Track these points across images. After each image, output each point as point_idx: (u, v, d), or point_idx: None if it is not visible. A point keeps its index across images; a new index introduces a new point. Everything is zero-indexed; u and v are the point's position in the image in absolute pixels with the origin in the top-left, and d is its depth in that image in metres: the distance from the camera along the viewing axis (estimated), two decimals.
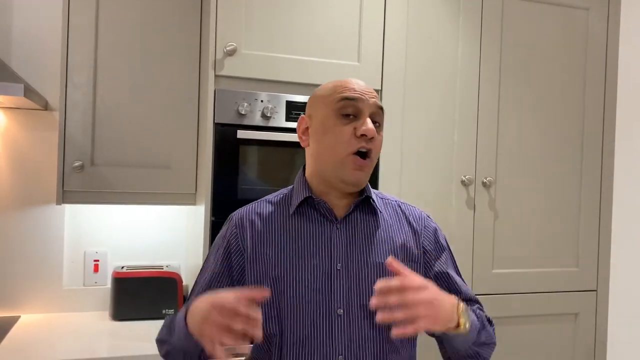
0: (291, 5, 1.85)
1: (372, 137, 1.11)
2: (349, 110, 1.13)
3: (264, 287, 1.12)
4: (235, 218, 1.21)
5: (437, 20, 2.01)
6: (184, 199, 1.98)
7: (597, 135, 2.22)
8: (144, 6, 1.94)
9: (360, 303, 1.13)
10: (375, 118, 1.14)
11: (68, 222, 2.13)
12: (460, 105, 2.03)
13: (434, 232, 1.25)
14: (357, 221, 1.18)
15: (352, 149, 1.11)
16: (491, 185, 2.07)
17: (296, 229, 1.17)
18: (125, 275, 2.04)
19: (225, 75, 1.78)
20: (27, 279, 2.08)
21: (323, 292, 1.12)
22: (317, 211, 1.18)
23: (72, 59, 1.87)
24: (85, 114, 1.88)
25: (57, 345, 1.76)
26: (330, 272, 1.13)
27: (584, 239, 2.20)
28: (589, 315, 2.20)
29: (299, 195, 1.19)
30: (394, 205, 1.26)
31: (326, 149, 1.15)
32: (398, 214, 1.24)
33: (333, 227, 1.16)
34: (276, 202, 1.23)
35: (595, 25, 2.21)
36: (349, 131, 1.12)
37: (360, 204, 1.20)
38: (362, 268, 1.14)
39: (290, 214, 1.18)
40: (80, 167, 1.86)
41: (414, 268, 1.17)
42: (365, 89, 1.16)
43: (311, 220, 1.17)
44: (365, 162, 1.13)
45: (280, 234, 1.17)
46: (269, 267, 1.14)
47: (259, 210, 1.21)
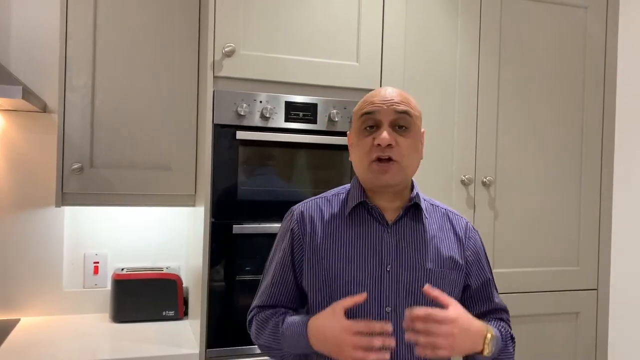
0: (289, 6, 1.84)
1: (388, 145, 1.18)
2: (369, 123, 1.22)
3: (317, 278, 1.23)
4: (296, 212, 1.30)
5: (435, 20, 2.01)
6: (184, 201, 1.98)
7: (597, 134, 2.22)
8: (142, 8, 1.94)
9: (407, 303, 1.21)
10: (398, 123, 1.21)
11: (67, 224, 2.13)
12: (460, 104, 2.03)
13: (475, 242, 1.33)
14: (406, 227, 1.26)
15: (372, 158, 1.20)
16: (491, 185, 2.06)
17: (350, 230, 1.25)
18: (125, 277, 2.04)
19: (224, 76, 1.77)
20: (27, 281, 2.08)
21: (373, 291, 1.20)
22: (370, 214, 1.26)
23: (70, 61, 1.87)
24: (84, 116, 1.88)
25: (57, 348, 1.76)
26: (381, 273, 1.22)
27: (584, 238, 2.20)
28: (590, 314, 2.20)
29: (354, 198, 1.27)
30: (443, 212, 1.34)
31: (355, 161, 1.26)
32: (445, 222, 1.32)
33: (384, 231, 1.24)
34: (334, 201, 1.31)
35: (594, 23, 2.21)
36: (370, 142, 1.21)
37: (410, 210, 1.27)
38: (410, 271, 1.22)
39: (345, 215, 1.26)
40: (79, 169, 1.85)
41: (457, 276, 1.27)
42: (387, 97, 1.22)
43: (364, 222, 1.26)
44: (388, 165, 1.19)
45: (336, 233, 1.25)
46: (324, 264, 1.23)
47: (318, 208, 1.30)
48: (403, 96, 1.24)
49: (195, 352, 1.74)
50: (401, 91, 1.26)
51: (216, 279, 1.76)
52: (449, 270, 1.25)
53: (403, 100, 1.23)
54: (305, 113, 1.85)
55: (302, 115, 1.85)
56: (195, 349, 1.76)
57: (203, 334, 1.74)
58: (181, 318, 2.09)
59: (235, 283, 1.78)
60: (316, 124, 1.86)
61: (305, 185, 1.87)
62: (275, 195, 1.84)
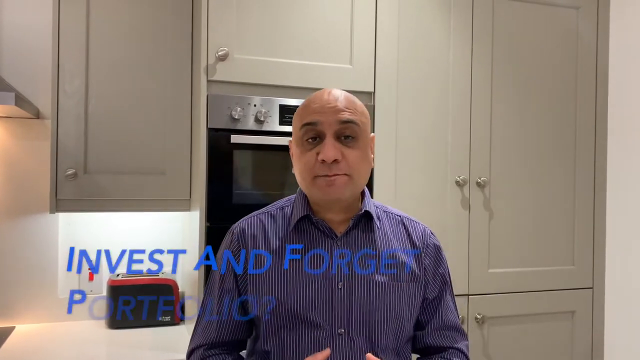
0: (282, 9, 1.84)
1: (335, 160, 1.07)
2: (311, 134, 1.10)
3: (264, 302, 1.12)
4: (236, 230, 1.20)
5: (428, 22, 2.02)
6: (179, 205, 1.97)
7: (590, 133, 2.23)
8: (135, 12, 1.94)
9: (361, 322, 1.12)
10: (344, 133, 1.09)
11: (62, 231, 2.12)
12: (453, 105, 2.04)
13: (434, 249, 1.23)
14: (357, 238, 1.16)
15: (316, 174, 1.09)
16: (485, 185, 2.07)
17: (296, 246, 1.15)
18: (120, 283, 2.03)
19: (218, 80, 1.77)
20: (21, 288, 2.06)
21: (324, 312, 1.11)
22: (317, 228, 1.16)
23: (63, 66, 1.86)
24: (78, 122, 1.87)
25: (53, 355, 1.75)
26: (332, 291, 1.12)
27: (579, 237, 2.21)
28: (586, 313, 2.21)
29: (298, 211, 1.16)
30: (397, 220, 1.23)
31: (298, 175, 1.14)
32: (400, 230, 1.22)
33: (333, 244, 1.14)
34: (276, 215, 1.20)
35: (585, 24, 2.23)
36: (313, 157, 1.09)
37: (361, 220, 1.17)
38: (363, 287, 1.12)
39: (289, 230, 1.16)
40: (73, 175, 1.85)
41: (414, 288, 1.17)
42: (329, 104, 1.10)
43: (311, 236, 1.15)
44: (334, 179, 1.08)
45: (280, 249, 1.15)
46: (269, 283, 1.13)
47: (260, 224, 1.19)
48: (348, 100, 1.11)
49: None
50: (347, 94, 1.13)
51: None
52: (406, 283, 1.15)
53: (348, 107, 1.10)
54: None
55: None
56: None
57: None
58: (177, 323, 2.08)
59: None
60: None
61: None
62: (271, 199, 1.82)
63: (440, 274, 1.22)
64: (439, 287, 1.22)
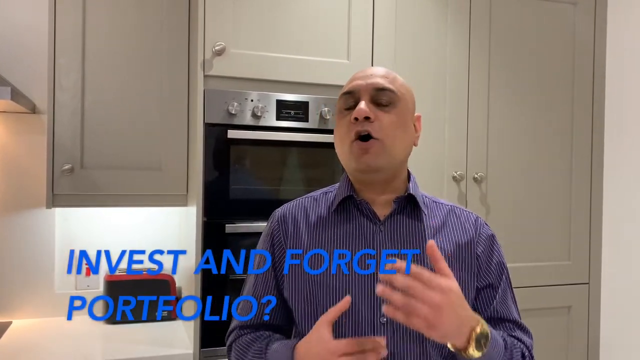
0: (279, 4, 1.84)
1: (366, 118, 1.05)
2: (349, 103, 1.10)
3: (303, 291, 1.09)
4: (277, 215, 1.18)
5: (425, 18, 2.01)
6: (175, 200, 1.97)
7: (587, 129, 2.24)
8: (131, 7, 1.93)
9: None
10: (379, 100, 1.07)
11: (59, 226, 2.11)
12: (450, 101, 2.04)
13: (488, 238, 1.15)
14: (401, 224, 1.11)
15: (351, 137, 1.07)
16: (482, 181, 2.07)
17: (337, 229, 1.11)
18: (117, 279, 2.02)
19: (215, 75, 1.77)
20: (18, 284, 2.06)
21: (365, 300, 1.05)
22: (359, 211, 1.12)
23: (59, 61, 1.85)
24: (74, 117, 1.87)
25: (50, 350, 1.75)
26: (373, 279, 1.06)
27: (575, 232, 2.22)
28: (582, 308, 2.22)
29: (341, 192, 1.13)
30: (448, 209, 1.17)
31: (337, 145, 1.13)
32: (451, 219, 1.15)
33: (376, 229, 1.10)
34: (321, 200, 1.18)
35: (583, 19, 2.23)
36: (348, 120, 1.08)
37: (406, 206, 1.12)
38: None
39: (331, 213, 1.13)
40: (69, 170, 1.84)
41: (466, 278, 1.09)
42: (367, 75, 1.10)
43: (353, 220, 1.11)
44: (369, 143, 1.05)
45: (321, 232, 1.11)
46: (308, 268, 1.10)
47: (303, 208, 1.17)
48: (388, 72, 1.11)
49: (189, 352, 1.74)
50: (389, 70, 1.12)
51: (209, 279, 1.76)
52: (456, 270, 1.05)
53: (386, 75, 1.10)
54: (297, 111, 1.85)
55: (294, 113, 1.84)
56: (190, 348, 1.75)
57: (197, 333, 1.74)
58: (175, 318, 2.08)
59: (228, 282, 1.78)
60: (308, 122, 1.86)
61: (298, 184, 1.87)
62: (268, 194, 1.84)
63: (495, 263, 1.14)
64: (495, 276, 1.13)
